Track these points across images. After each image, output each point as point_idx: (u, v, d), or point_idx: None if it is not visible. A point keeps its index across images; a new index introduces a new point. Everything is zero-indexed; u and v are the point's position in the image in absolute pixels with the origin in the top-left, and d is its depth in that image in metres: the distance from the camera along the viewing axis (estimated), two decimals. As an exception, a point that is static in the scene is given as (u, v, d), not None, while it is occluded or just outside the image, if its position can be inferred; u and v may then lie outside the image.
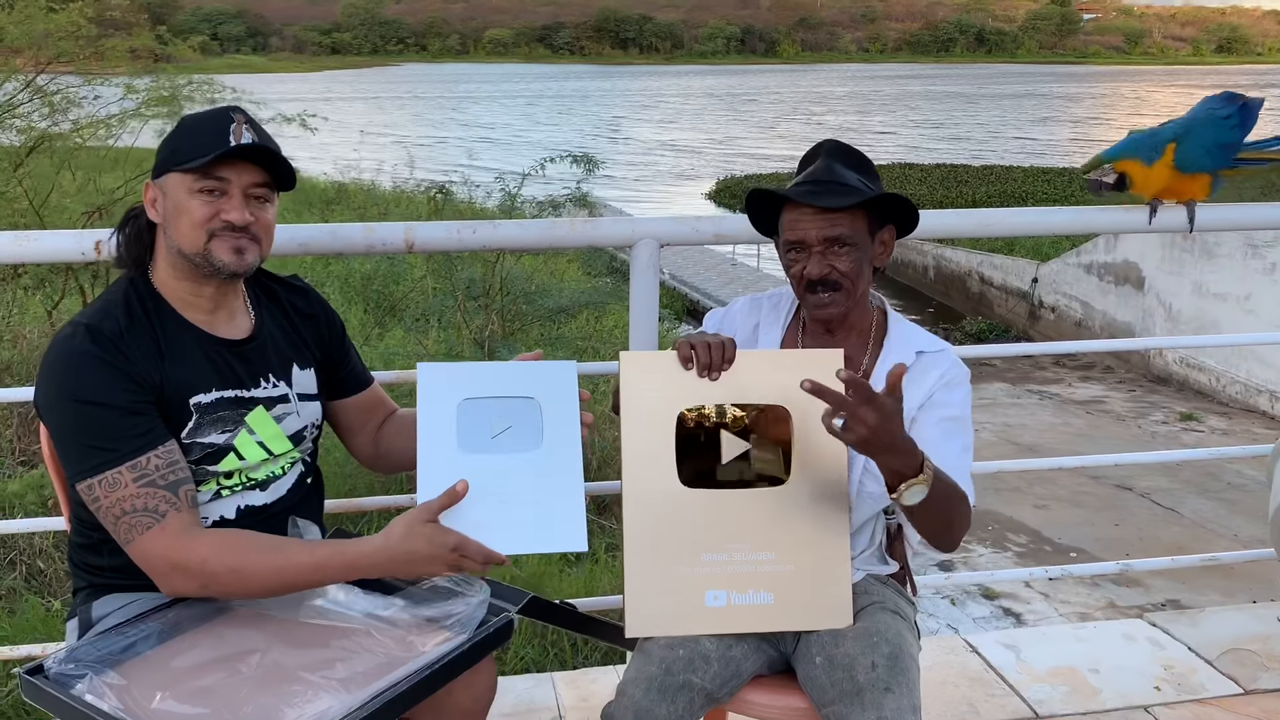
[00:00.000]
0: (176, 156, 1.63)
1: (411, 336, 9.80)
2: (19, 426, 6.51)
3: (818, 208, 1.77)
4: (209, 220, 1.62)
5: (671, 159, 41.18)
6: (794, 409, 1.78)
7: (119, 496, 1.52)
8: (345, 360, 1.90)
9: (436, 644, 1.52)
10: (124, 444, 1.53)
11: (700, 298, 17.86)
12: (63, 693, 1.40)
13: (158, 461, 1.54)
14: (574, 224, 2.35)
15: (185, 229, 1.62)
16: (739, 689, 1.78)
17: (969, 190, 25.49)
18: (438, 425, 1.63)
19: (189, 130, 1.65)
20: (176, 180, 1.62)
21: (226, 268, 1.64)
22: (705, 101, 77.01)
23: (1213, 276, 13.36)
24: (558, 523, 1.57)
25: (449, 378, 1.68)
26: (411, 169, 17.61)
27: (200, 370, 1.66)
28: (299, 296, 1.85)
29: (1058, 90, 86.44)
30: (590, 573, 5.40)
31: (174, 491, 1.54)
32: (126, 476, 1.52)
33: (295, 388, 1.78)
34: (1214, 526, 8.72)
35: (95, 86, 9.93)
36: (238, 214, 1.63)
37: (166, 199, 1.64)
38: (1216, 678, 2.74)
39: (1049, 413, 12.65)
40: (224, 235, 1.63)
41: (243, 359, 1.71)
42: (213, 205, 1.62)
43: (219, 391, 1.67)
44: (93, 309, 1.63)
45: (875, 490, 1.84)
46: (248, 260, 1.65)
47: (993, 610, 7.16)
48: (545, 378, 1.69)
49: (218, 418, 1.66)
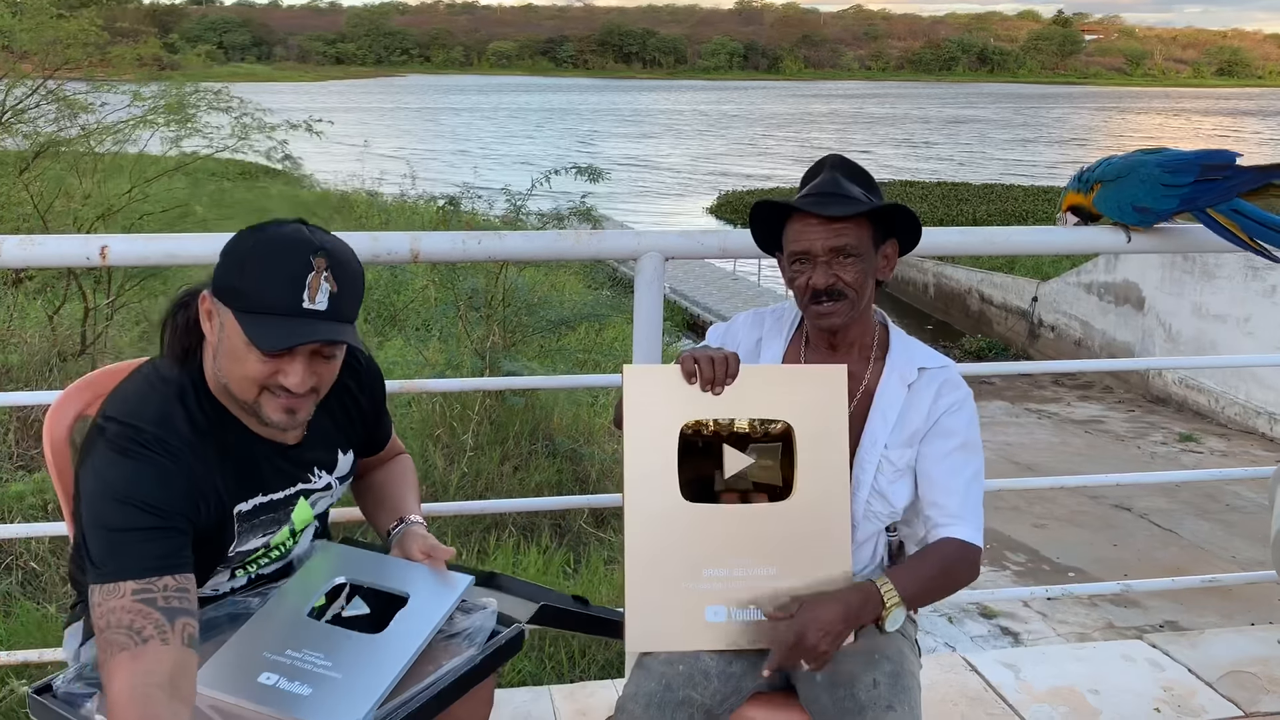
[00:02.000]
0: (239, 300, 1.44)
1: (412, 346, 9.80)
2: (19, 430, 6.51)
3: (823, 218, 1.77)
4: (265, 378, 1.47)
5: (650, 175, 41.25)
6: (797, 424, 1.78)
7: (110, 607, 1.33)
8: (378, 428, 1.81)
9: (448, 658, 1.51)
10: (145, 559, 1.37)
11: (700, 311, 17.89)
12: (71, 712, 1.39)
13: (169, 584, 1.37)
14: (579, 236, 2.35)
15: (237, 376, 1.47)
16: (739, 706, 1.77)
17: (969, 208, 25.57)
18: (302, 590, 1.59)
19: (260, 267, 1.44)
20: (233, 322, 1.44)
21: (274, 425, 1.52)
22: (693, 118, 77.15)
23: (1213, 298, 13.38)
24: (339, 703, 1.40)
25: (332, 555, 1.66)
26: (414, 180, 17.71)
27: (248, 475, 1.55)
28: (352, 377, 1.70)
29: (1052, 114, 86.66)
30: (589, 583, 5.39)
31: (169, 619, 1.33)
32: (126, 588, 1.34)
33: (336, 473, 1.70)
34: (1212, 548, 8.71)
35: (102, 94, 9.95)
36: (297, 380, 1.47)
37: (223, 330, 1.47)
38: (1217, 700, 2.73)
39: (1048, 432, 12.64)
40: (279, 394, 1.48)
41: (293, 461, 1.62)
42: (272, 365, 1.46)
43: (264, 496, 1.57)
44: (153, 408, 1.48)
45: (881, 510, 1.85)
46: (299, 419, 1.52)
47: (990, 629, 7.14)
48: (430, 583, 1.60)
49: (259, 522, 1.58)
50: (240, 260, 1.46)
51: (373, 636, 1.51)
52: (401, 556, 1.65)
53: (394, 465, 1.86)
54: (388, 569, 1.63)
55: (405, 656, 1.47)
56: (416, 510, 1.75)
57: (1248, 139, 51.73)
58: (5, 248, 2.08)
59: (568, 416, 7.94)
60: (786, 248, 1.85)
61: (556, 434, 7.58)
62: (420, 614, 1.54)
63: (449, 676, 1.48)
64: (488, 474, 6.95)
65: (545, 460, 7.28)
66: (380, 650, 1.48)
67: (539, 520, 6.46)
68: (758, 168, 41.62)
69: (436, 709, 1.46)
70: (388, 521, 1.74)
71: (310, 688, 1.42)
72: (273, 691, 1.42)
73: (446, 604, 1.56)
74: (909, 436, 1.84)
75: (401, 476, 1.82)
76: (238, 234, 1.51)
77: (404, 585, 1.59)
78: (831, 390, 1.79)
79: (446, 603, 1.56)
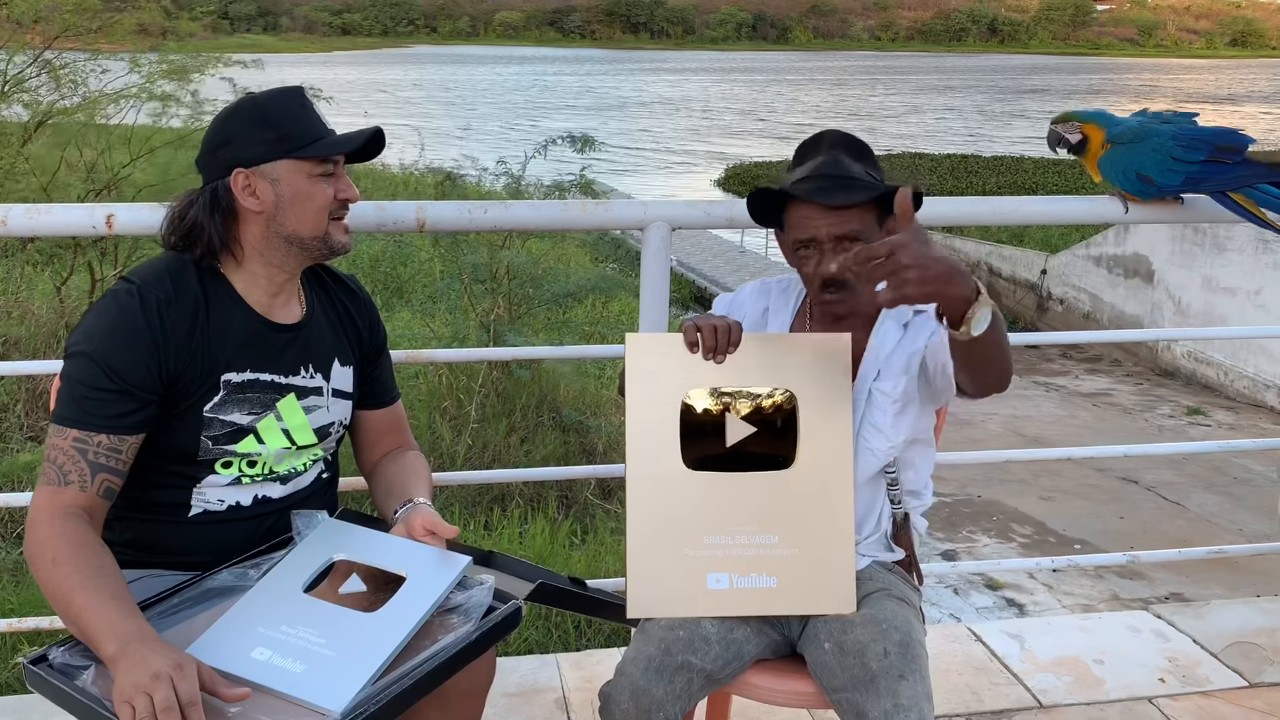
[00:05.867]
0: (287, 143, 1.62)
1: (419, 318, 9.80)
2: (28, 402, 6.54)
3: (828, 205, 1.76)
4: (330, 202, 1.65)
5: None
6: (799, 393, 1.78)
7: (55, 444, 1.56)
8: (378, 369, 1.88)
9: (444, 634, 1.51)
10: (95, 415, 1.54)
11: (707, 284, 17.85)
12: (66, 683, 1.38)
13: (104, 441, 1.55)
14: (586, 206, 2.35)
15: (310, 214, 1.64)
16: (741, 671, 1.78)
17: (979, 180, 25.45)
18: (299, 566, 1.59)
19: (284, 114, 1.63)
20: (292, 167, 1.62)
21: (343, 248, 1.70)
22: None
23: (1223, 271, 13.31)
24: (331, 681, 1.40)
25: (332, 532, 1.65)
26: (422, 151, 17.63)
27: (241, 349, 1.65)
28: (350, 296, 1.84)
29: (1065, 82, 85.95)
30: (595, 554, 5.42)
31: (93, 472, 1.54)
32: (71, 434, 1.54)
33: (332, 382, 1.76)
34: (1219, 520, 8.71)
35: (103, 60, 9.89)
36: (354, 191, 1.69)
37: (280, 185, 1.62)
38: (1221, 670, 2.74)
39: (1055, 405, 12.63)
40: (339, 216, 1.68)
41: (287, 345, 1.71)
42: (332, 186, 1.66)
43: (254, 373, 1.66)
44: (147, 269, 1.64)
45: (878, 446, 1.84)
46: (350, 237, 1.72)
47: (996, 601, 7.16)
48: (428, 563, 1.59)
49: (246, 398, 1.66)
50: (259, 120, 1.62)
51: (368, 615, 1.50)
52: (405, 532, 1.65)
53: (406, 457, 1.88)
54: (387, 547, 1.63)
55: (400, 636, 1.47)
56: (426, 496, 1.77)
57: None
58: (11, 217, 2.08)
59: (575, 389, 7.96)
60: (790, 232, 1.83)
61: (563, 406, 7.60)
62: (417, 593, 1.54)
63: (444, 653, 1.47)
64: (494, 445, 6.98)
65: (552, 433, 7.29)
66: (375, 629, 1.48)
67: (546, 492, 6.48)
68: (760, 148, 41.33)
69: (432, 684, 1.46)
70: (396, 505, 1.76)
71: (303, 664, 1.43)
72: (266, 667, 1.42)
73: (444, 584, 1.56)
74: (904, 365, 1.84)
75: (414, 468, 1.84)
76: (230, 110, 1.65)
77: (402, 565, 1.59)
78: (835, 358, 1.79)
79: (444, 583, 1.56)
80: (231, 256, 1.67)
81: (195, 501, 1.67)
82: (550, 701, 2.55)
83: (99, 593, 1.42)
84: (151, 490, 1.66)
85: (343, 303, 1.83)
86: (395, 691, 1.41)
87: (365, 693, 1.39)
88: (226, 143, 1.63)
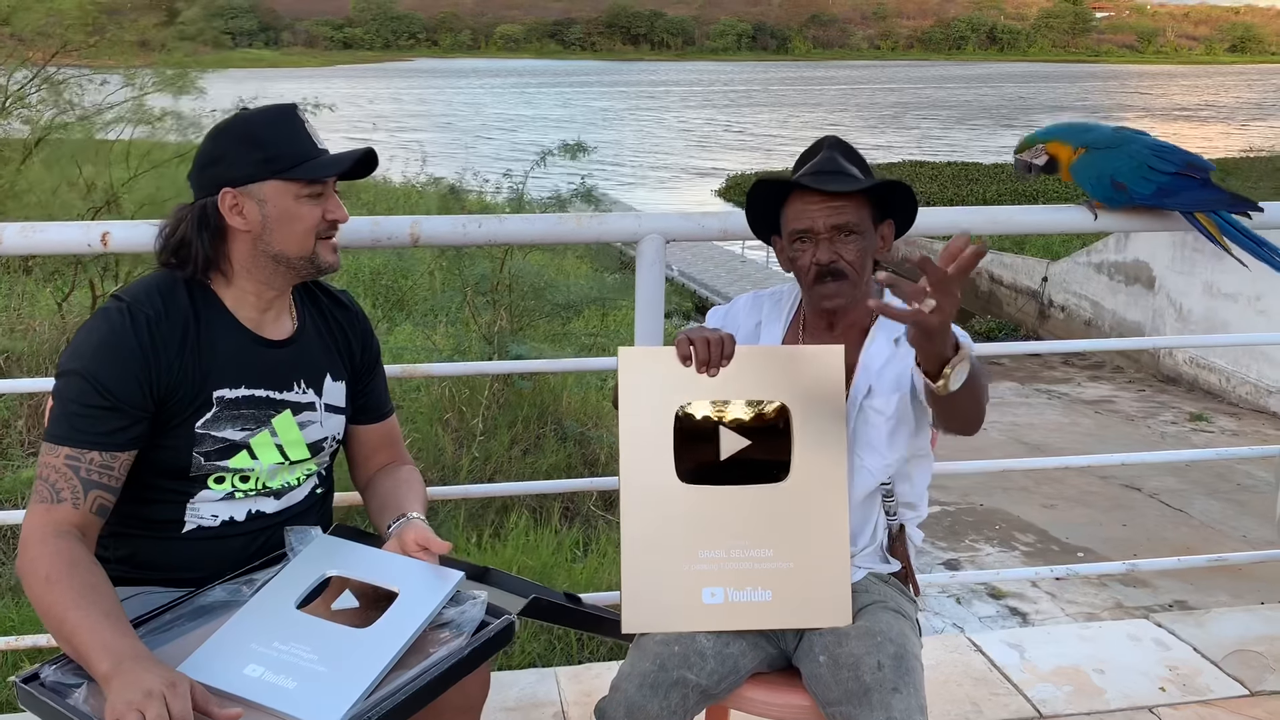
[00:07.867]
0: (274, 164, 1.61)
1: (420, 331, 9.80)
2: (29, 418, 6.54)
3: (825, 194, 1.78)
4: (318, 223, 1.65)
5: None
6: (793, 404, 1.78)
7: (47, 462, 1.57)
8: (371, 384, 1.87)
9: (437, 649, 1.51)
10: (86, 432, 1.55)
11: (709, 294, 17.86)
12: (58, 701, 1.38)
13: (96, 459, 1.56)
14: (580, 219, 2.35)
15: (297, 235, 1.64)
16: (737, 686, 1.77)
17: (979, 188, 25.42)
18: (292, 583, 1.59)
19: (273, 134, 1.63)
20: (279, 188, 1.62)
21: (331, 267, 1.70)
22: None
23: (1224, 277, 13.28)
24: (323, 697, 1.41)
25: (325, 548, 1.65)
26: (424, 163, 17.65)
27: (233, 365, 1.66)
28: (342, 310, 1.84)
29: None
30: (597, 567, 5.41)
31: (85, 490, 1.55)
32: (63, 452, 1.55)
33: (324, 397, 1.77)
34: (1223, 527, 8.69)
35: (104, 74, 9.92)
36: (342, 211, 1.68)
37: (267, 206, 1.62)
38: (1222, 679, 2.73)
39: (1057, 412, 12.61)
40: (327, 235, 1.68)
41: (278, 360, 1.71)
42: (319, 207, 1.65)
43: (249, 389, 1.67)
44: (137, 287, 1.65)
45: (873, 465, 1.84)
46: (338, 257, 1.72)
47: (999, 610, 7.14)
48: (420, 579, 1.60)
49: (240, 414, 1.66)
50: (248, 139, 1.62)
51: (360, 631, 1.50)
52: (397, 547, 1.65)
53: (401, 471, 1.88)
54: (379, 563, 1.63)
55: (391, 652, 1.47)
56: (419, 510, 1.76)
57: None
58: (6, 235, 2.09)
59: (576, 400, 7.95)
60: (787, 227, 1.84)
61: (565, 417, 7.59)
62: (408, 609, 1.54)
63: (437, 668, 1.47)
64: (497, 457, 6.97)
65: (555, 444, 7.29)
66: (367, 645, 1.48)
67: (549, 503, 6.47)
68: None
69: (425, 700, 1.46)
70: (389, 519, 1.75)
71: (296, 680, 1.43)
72: (259, 683, 1.42)
73: (435, 600, 1.56)
74: (895, 382, 1.83)
75: (408, 483, 1.83)
76: (221, 127, 1.66)
77: (394, 580, 1.59)
78: (828, 370, 1.79)
79: (436, 598, 1.56)
80: (221, 273, 1.67)
81: (189, 517, 1.67)
82: (548, 716, 2.54)
83: (92, 611, 1.41)
84: (146, 506, 1.66)
85: (335, 318, 1.83)
86: (388, 707, 1.41)
87: (357, 709, 1.39)
88: (216, 161, 1.63)
